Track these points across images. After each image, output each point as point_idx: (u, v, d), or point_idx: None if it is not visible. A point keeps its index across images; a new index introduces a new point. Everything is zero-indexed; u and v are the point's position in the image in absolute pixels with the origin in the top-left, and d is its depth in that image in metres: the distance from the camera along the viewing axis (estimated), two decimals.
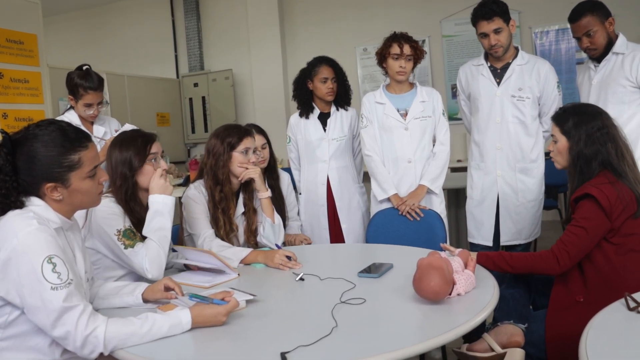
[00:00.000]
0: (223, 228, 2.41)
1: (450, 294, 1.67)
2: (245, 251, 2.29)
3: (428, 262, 1.65)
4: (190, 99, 7.62)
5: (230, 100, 7.46)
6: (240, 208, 2.52)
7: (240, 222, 2.51)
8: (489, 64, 2.95)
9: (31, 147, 1.49)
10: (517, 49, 2.93)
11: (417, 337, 1.42)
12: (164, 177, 2.08)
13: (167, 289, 1.74)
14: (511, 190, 2.92)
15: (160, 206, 2.03)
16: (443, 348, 2.40)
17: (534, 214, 2.90)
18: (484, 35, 2.83)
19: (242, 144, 2.45)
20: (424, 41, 6.56)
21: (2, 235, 1.43)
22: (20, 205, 1.49)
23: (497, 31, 2.79)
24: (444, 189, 3.05)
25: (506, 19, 2.79)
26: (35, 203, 1.51)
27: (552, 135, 2.11)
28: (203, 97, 7.55)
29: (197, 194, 2.43)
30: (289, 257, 2.19)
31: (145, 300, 1.75)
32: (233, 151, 2.43)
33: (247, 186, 2.53)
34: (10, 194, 1.47)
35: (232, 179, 2.46)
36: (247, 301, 1.71)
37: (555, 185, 5.03)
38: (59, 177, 1.50)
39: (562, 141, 2.05)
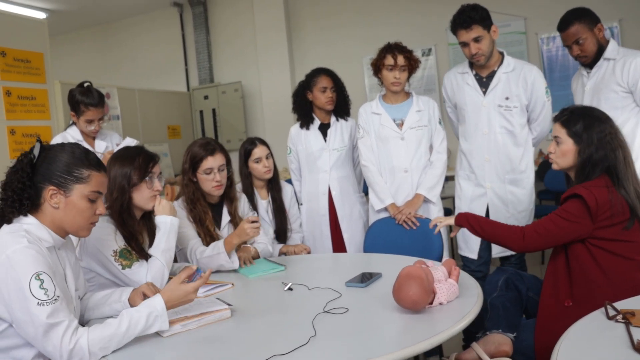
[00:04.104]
0: (204, 240, 2.46)
1: (431, 303, 1.67)
2: (219, 243, 2.35)
3: (407, 272, 1.66)
4: (201, 112, 7.72)
5: (240, 112, 7.55)
6: (226, 217, 2.57)
7: (228, 231, 2.55)
8: (474, 72, 2.85)
9: (55, 153, 1.61)
10: (502, 54, 2.82)
11: (393, 346, 1.42)
12: (157, 198, 2.13)
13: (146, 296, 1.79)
14: (501, 202, 2.83)
15: (168, 227, 2.10)
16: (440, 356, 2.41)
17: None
18: (464, 44, 2.73)
19: (203, 165, 2.46)
20: (430, 49, 6.58)
21: None
22: (26, 207, 1.56)
23: (477, 39, 2.67)
24: (448, 198, 3.01)
25: (486, 25, 2.68)
26: (28, 221, 1.57)
27: (555, 137, 2.05)
28: (213, 110, 7.65)
29: (179, 210, 2.47)
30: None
31: (132, 306, 1.78)
32: (197, 172, 2.48)
33: (228, 196, 2.58)
34: (24, 191, 1.55)
35: (205, 195, 2.52)
36: (232, 311, 1.74)
37: (560, 192, 4.97)
38: (64, 183, 1.58)
39: (569, 143, 2.01)
